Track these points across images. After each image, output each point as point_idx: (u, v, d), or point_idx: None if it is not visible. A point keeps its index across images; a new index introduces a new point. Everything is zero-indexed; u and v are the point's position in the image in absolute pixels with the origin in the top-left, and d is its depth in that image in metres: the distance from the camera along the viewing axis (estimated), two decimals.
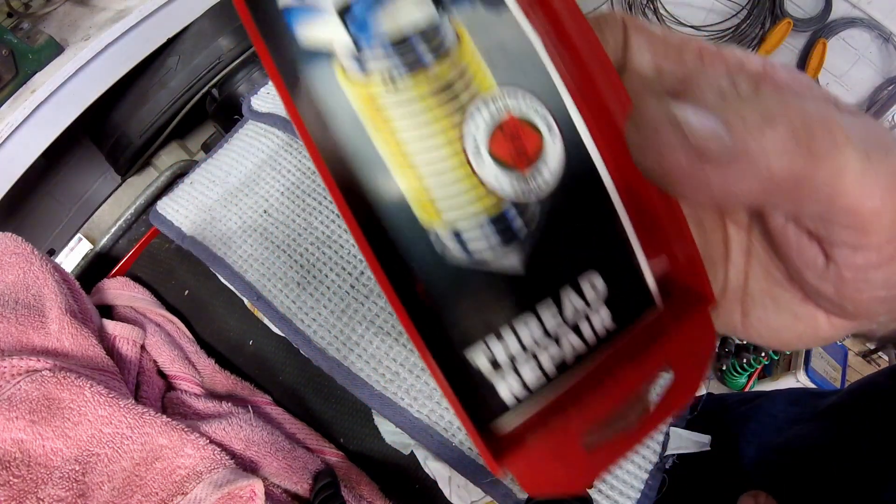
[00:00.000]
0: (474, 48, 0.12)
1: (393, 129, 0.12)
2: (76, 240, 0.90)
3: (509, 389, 0.12)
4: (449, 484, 0.42)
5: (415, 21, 0.12)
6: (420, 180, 0.12)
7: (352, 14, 0.12)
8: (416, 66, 0.12)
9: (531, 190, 0.12)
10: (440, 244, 0.12)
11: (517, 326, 0.12)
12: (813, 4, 1.54)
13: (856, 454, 0.37)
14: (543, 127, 0.12)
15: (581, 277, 0.13)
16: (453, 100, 0.12)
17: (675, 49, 0.15)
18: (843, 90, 1.62)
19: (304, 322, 0.44)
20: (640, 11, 1.73)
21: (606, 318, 0.13)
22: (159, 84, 0.86)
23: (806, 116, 0.11)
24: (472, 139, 0.12)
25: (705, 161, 0.11)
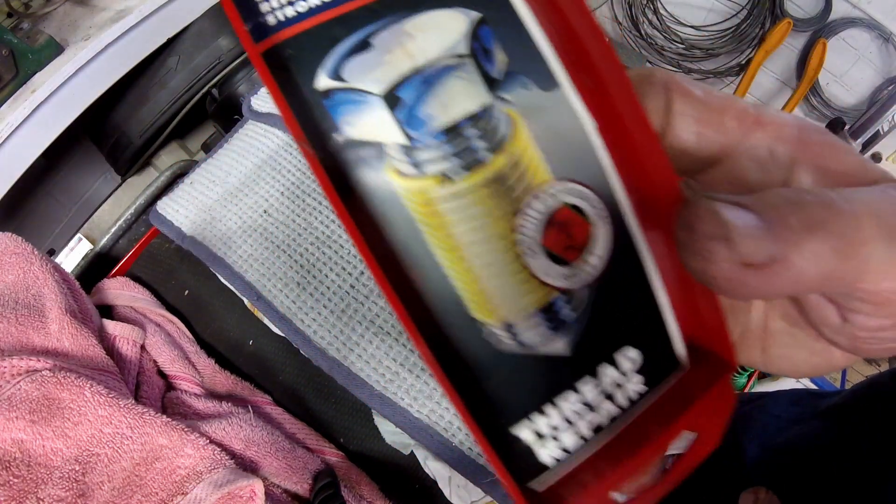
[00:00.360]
0: (529, 136, 0.12)
1: (447, 226, 0.11)
2: (76, 240, 0.90)
3: (550, 454, 0.13)
4: (449, 484, 0.42)
5: (470, 110, 0.11)
6: (474, 278, 0.12)
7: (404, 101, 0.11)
8: (472, 164, 0.11)
9: (579, 278, 0.12)
10: (493, 336, 0.12)
11: (558, 402, 0.13)
12: (813, 4, 1.54)
13: (856, 454, 0.37)
14: (594, 216, 0.12)
15: (618, 353, 0.13)
16: (508, 193, 0.12)
17: (716, 114, 0.15)
18: (843, 90, 1.62)
19: (304, 322, 0.44)
20: (640, 11, 1.73)
21: (639, 385, 0.14)
22: (159, 84, 0.86)
23: (842, 219, 0.12)
24: (526, 235, 0.12)
25: (747, 269, 0.11)
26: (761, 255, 0.11)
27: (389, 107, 0.11)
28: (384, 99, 0.11)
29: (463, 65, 0.11)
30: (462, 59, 0.11)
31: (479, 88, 0.11)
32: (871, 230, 0.12)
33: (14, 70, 0.68)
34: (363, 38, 0.11)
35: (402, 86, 0.11)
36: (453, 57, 0.11)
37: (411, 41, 0.11)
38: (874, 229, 0.12)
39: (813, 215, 0.12)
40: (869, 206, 0.12)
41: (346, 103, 0.11)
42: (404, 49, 0.11)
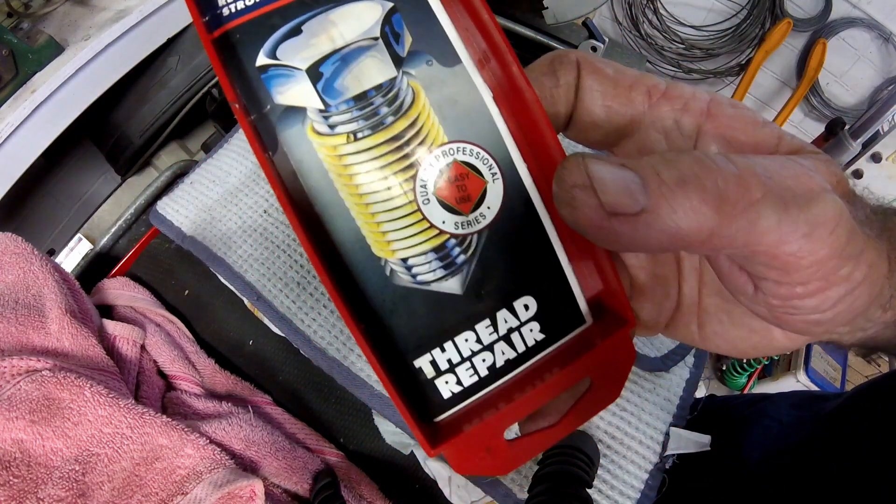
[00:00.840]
0: (428, 104, 0.14)
1: (354, 177, 0.14)
2: (76, 240, 0.90)
3: (449, 388, 0.15)
4: (449, 484, 0.42)
5: (376, 81, 0.14)
6: (376, 221, 0.14)
7: (321, 73, 0.14)
8: (377, 126, 0.14)
9: (471, 227, 0.14)
10: (392, 272, 0.14)
11: (457, 340, 0.15)
12: (813, 4, 1.54)
13: (856, 454, 0.37)
14: (487, 173, 0.14)
15: (517, 301, 0.15)
16: (408, 152, 0.14)
17: (625, 89, 0.16)
18: (843, 90, 1.62)
19: (304, 322, 0.44)
20: (640, 11, 1.73)
21: (537, 333, 0.15)
22: (159, 84, 0.86)
23: (721, 177, 0.12)
24: (421, 186, 0.14)
25: (614, 217, 0.12)
26: (631, 206, 0.12)
27: (312, 80, 0.14)
28: (307, 73, 0.13)
29: (375, 45, 0.14)
30: (375, 41, 0.14)
31: (387, 65, 0.14)
32: (758, 192, 0.12)
33: (14, 70, 0.68)
34: (295, 25, 0.14)
35: (324, 63, 0.14)
36: (367, 39, 0.14)
37: (334, 27, 0.14)
38: (762, 192, 0.12)
39: (685, 171, 0.12)
40: (760, 171, 0.13)
41: (278, 77, 0.13)
42: (328, 34, 0.14)
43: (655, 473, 0.38)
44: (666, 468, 0.39)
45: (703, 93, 0.16)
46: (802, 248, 0.13)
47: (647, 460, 0.38)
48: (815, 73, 1.54)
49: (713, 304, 0.19)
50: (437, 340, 0.15)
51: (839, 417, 0.42)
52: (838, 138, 1.01)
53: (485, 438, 0.15)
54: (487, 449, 0.15)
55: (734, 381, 1.61)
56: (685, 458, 0.39)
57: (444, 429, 0.15)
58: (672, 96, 0.16)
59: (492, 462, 0.15)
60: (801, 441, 0.44)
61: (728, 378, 1.61)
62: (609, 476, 0.38)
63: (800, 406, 0.48)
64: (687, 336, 0.19)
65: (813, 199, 0.13)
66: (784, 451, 0.44)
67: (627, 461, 0.38)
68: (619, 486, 0.38)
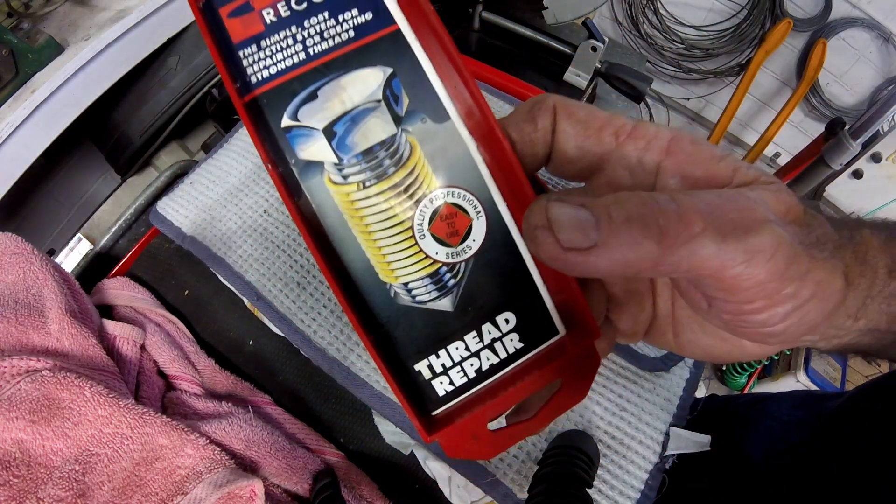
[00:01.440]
0: (423, 155, 0.17)
1: (363, 218, 0.17)
2: (76, 240, 0.90)
3: (443, 388, 0.18)
4: (449, 484, 0.42)
5: (381, 137, 0.17)
6: (381, 252, 0.17)
7: (335, 131, 0.17)
8: (383, 175, 0.17)
9: (459, 256, 0.18)
10: (395, 293, 0.18)
11: (449, 348, 0.18)
12: (813, 4, 1.53)
13: (856, 454, 0.37)
14: (473, 212, 0.17)
15: (499, 316, 0.18)
16: (407, 196, 0.17)
17: (595, 130, 0.18)
18: (843, 90, 1.62)
19: (304, 322, 0.44)
20: (640, 11, 1.73)
21: (516, 342, 0.18)
22: (159, 84, 0.86)
23: (663, 215, 0.14)
24: (418, 224, 0.17)
25: (569, 251, 0.15)
26: (584, 242, 0.15)
27: (328, 138, 0.17)
28: (323, 132, 0.16)
29: (378, 107, 0.17)
30: (378, 103, 0.17)
31: (388, 123, 0.17)
32: (699, 226, 0.14)
33: (14, 70, 0.68)
34: (312, 90, 0.16)
35: (336, 123, 0.17)
36: (372, 102, 0.17)
37: (344, 92, 0.17)
38: (702, 226, 0.14)
39: (632, 210, 0.15)
40: (702, 206, 0.15)
41: (300, 136, 0.16)
42: (339, 98, 0.17)
43: (655, 473, 0.38)
44: (666, 468, 0.39)
45: (666, 131, 0.18)
46: (742, 272, 0.15)
47: (647, 460, 0.38)
48: (815, 73, 1.54)
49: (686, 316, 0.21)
50: (432, 348, 0.18)
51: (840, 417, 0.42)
52: (838, 138, 1.01)
53: (472, 428, 0.18)
54: (474, 437, 0.18)
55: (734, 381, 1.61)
56: (685, 458, 0.39)
57: (439, 421, 0.18)
58: (636, 136, 0.18)
59: (478, 448, 0.18)
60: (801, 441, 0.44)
61: (728, 378, 1.61)
62: (609, 476, 0.38)
63: (800, 406, 0.48)
64: (665, 343, 0.21)
65: (752, 230, 0.15)
66: (785, 451, 0.44)
67: (627, 461, 0.38)
68: (619, 486, 0.38)
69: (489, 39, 1.07)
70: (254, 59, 0.17)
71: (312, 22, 0.17)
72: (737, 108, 1.62)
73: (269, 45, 0.17)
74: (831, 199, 1.67)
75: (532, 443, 0.39)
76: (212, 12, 0.17)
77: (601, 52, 0.91)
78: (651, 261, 0.14)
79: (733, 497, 0.44)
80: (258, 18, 0.17)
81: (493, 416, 0.18)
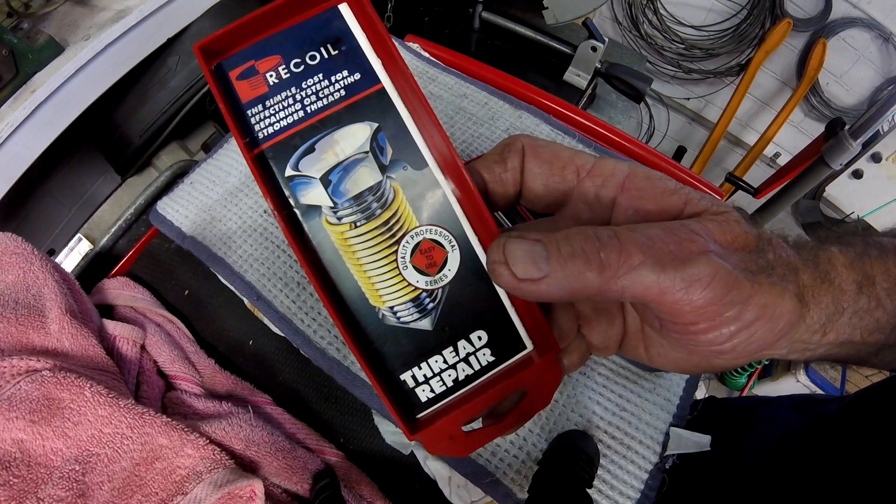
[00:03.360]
0: (405, 198, 0.20)
1: (355, 252, 0.20)
2: (76, 240, 0.90)
3: (425, 395, 0.21)
4: (449, 484, 0.42)
5: (369, 184, 0.19)
6: (371, 281, 0.20)
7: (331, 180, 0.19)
8: (371, 216, 0.20)
9: (436, 284, 0.20)
10: (383, 315, 0.20)
11: (430, 361, 0.21)
12: (813, 4, 1.53)
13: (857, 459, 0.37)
14: (448, 245, 0.20)
15: (472, 334, 0.21)
16: (391, 233, 0.20)
17: (559, 169, 0.21)
18: (843, 90, 1.62)
19: (303, 322, 0.44)
20: (640, 11, 1.73)
21: (488, 356, 0.21)
22: (159, 84, 0.86)
23: (604, 249, 0.17)
24: (401, 257, 0.20)
25: (522, 281, 0.18)
26: (536, 273, 0.17)
27: (324, 186, 0.19)
28: (321, 181, 0.19)
29: (366, 157, 0.19)
30: (366, 154, 0.19)
31: (375, 171, 0.20)
32: (638, 259, 0.17)
33: (14, 70, 0.68)
34: (311, 144, 0.19)
35: (332, 172, 0.19)
36: (361, 153, 0.19)
37: (337, 145, 0.19)
38: (641, 258, 0.17)
39: (576, 246, 0.17)
40: (644, 240, 0.17)
41: (301, 184, 0.19)
42: (333, 150, 0.19)
43: (655, 473, 0.38)
44: (666, 468, 0.39)
45: (623, 168, 0.20)
46: (682, 299, 0.17)
47: (647, 460, 0.38)
48: (815, 73, 1.54)
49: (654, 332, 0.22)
50: (415, 361, 0.21)
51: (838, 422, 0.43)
52: (838, 138, 1.01)
53: (449, 430, 0.20)
54: (451, 437, 0.21)
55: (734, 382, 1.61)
56: (685, 458, 0.39)
57: (421, 423, 0.21)
58: (594, 174, 0.20)
59: (454, 447, 0.21)
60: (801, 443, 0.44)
61: (728, 378, 1.61)
62: (609, 476, 0.38)
63: (799, 409, 0.48)
64: (638, 357, 0.23)
65: (690, 261, 0.17)
66: (784, 454, 0.44)
67: (627, 461, 0.38)
68: (619, 486, 0.38)
69: (489, 39, 1.07)
70: (260, 117, 0.19)
71: (309, 83, 0.19)
72: (737, 108, 1.62)
73: (273, 104, 0.19)
74: (831, 199, 1.67)
75: (532, 443, 0.39)
76: (222, 75, 0.19)
77: (601, 52, 0.91)
78: (594, 288, 0.17)
79: (733, 498, 0.44)
80: (263, 80, 0.19)
81: (466, 420, 0.21)
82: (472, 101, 0.58)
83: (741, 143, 1.87)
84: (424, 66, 0.62)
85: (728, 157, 1.92)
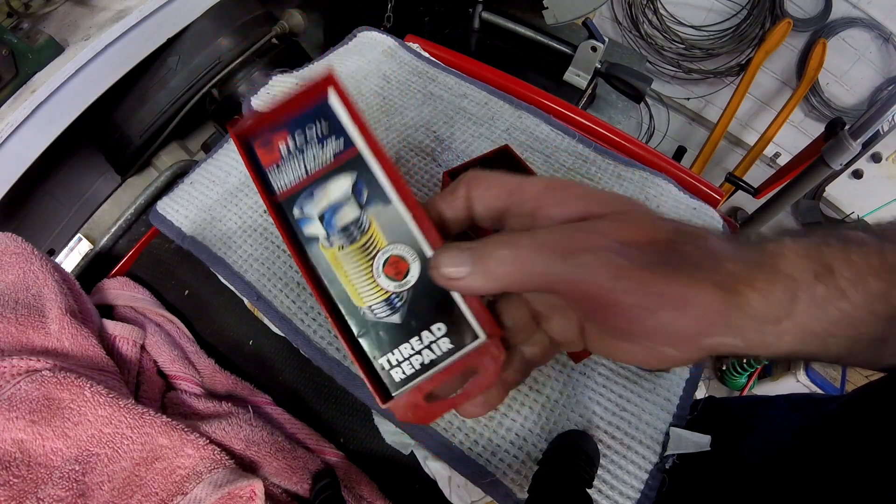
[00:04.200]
0: (377, 225, 0.26)
1: (344, 268, 0.26)
2: (76, 240, 0.90)
3: (398, 375, 0.26)
4: (449, 484, 0.42)
5: (351, 218, 0.26)
6: (356, 289, 0.26)
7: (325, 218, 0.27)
8: (353, 240, 0.26)
9: (403, 287, 0.26)
10: (364, 311, 0.26)
11: (401, 348, 0.26)
12: (813, 4, 1.53)
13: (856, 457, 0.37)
14: (410, 258, 0.26)
15: (433, 326, 0.26)
16: (368, 251, 0.26)
17: (495, 192, 0.25)
18: (843, 90, 1.62)
19: (304, 322, 0.44)
20: (640, 11, 1.73)
21: (447, 344, 0.26)
22: (159, 84, 0.86)
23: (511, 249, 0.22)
24: (376, 269, 0.26)
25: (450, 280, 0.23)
26: (459, 273, 0.23)
27: (320, 222, 0.26)
28: (318, 219, 0.26)
29: (349, 199, 0.27)
30: (349, 197, 0.27)
31: (355, 209, 0.26)
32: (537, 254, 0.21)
33: (14, 70, 0.68)
34: (310, 192, 0.27)
35: (325, 212, 0.26)
36: (345, 196, 0.27)
37: (329, 192, 0.27)
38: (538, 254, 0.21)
39: (488, 249, 0.22)
40: (540, 240, 0.22)
41: (304, 221, 0.27)
42: (326, 196, 0.27)
43: (655, 473, 0.38)
44: (666, 468, 0.39)
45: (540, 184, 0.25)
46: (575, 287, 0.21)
47: (647, 460, 0.38)
48: (815, 73, 1.54)
49: None
50: (389, 348, 0.26)
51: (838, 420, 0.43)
52: (838, 138, 1.01)
53: (414, 400, 0.26)
54: (415, 406, 0.26)
55: (734, 381, 1.61)
56: (685, 458, 0.39)
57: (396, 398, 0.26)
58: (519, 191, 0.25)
59: (417, 414, 0.26)
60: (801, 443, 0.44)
61: (728, 378, 1.61)
62: (609, 476, 0.38)
63: (799, 408, 0.48)
64: (603, 351, 0.25)
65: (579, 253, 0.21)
66: (784, 453, 0.44)
67: (627, 461, 0.38)
68: (619, 486, 0.38)
69: (489, 39, 1.07)
70: (276, 175, 0.27)
71: (309, 150, 0.27)
72: (737, 108, 1.62)
73: (284, 166, 0.27)
74: (831, 199, 1.67)
75: (532, 443, 0.39)
76: (248, 145, 0.28)
77: (601, 52, 0.91)
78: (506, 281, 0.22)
79: (733, 497, 0.44)
80: (276, 149, 0.27)
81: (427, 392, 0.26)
82: (472, 101, 0.58)
83: (741, 143, 1.87)
84: (424, 66, 0.62)
85: (728, 157, 1.92)
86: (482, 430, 0.39)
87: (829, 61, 1.53)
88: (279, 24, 0.94)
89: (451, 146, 0.53)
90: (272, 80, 0.59)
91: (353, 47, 0.64)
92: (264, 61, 0.93)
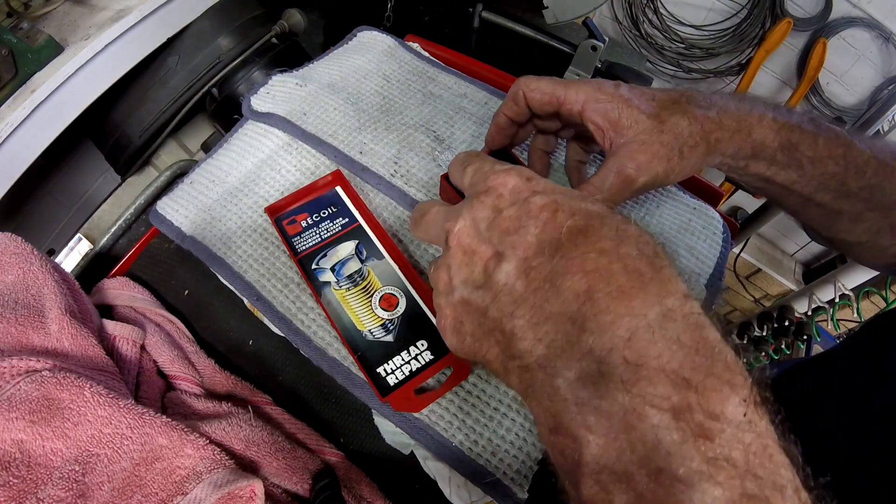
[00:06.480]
0: (374, 274, 0.41)
1: (350, 304, 0.39)
2: (76, 240, 0.90)
3: (393, 380, 0.36)
4: (449, 484, 0.42)
5: (354, 269, 0.41)
6: (359, 318, 0.39)
7: (335, 269, 0.41)
8: (356, 284, 0.40)
9: (394, 315, 0.39)
10: (367, 334, 0.38)
11: (394, 359, 0.37)
12: (813, 4, 1.53)
13: (851, 391, 0.43)
14: (399, 295, 0.39)
15: (417, 342, 0.37)
16: (367, 291, 0.40)
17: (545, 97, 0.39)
18: (843, 90, 1.62)
19: (303, 322, 0.44)
20: (640, 11, 1.73)
21: (429, 355, 0.37)
22: (159, 84, 0.86)
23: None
24: (374, 304, 0.39)
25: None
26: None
27: (332, 272, 0.41)
28: (331, 270, 0.41)
29: (353, 256, 0.42)
30: (352, 255, 0.42)
31: (357, 263, 0.42)
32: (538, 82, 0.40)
33: (13, 70, 0.68)
34: (325, 252, 0.43)
35: (336, 265, 0.42)
36: (350, 255, 0.42)
37: (337, 252, 0.42)
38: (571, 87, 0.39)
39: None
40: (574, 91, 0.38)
41: (320, 271, 0.42)
42: (336, 253, 0.42)
43: None
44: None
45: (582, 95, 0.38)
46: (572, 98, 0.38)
47: None
48: (815, 73, 1.54)
49: None
50: (385, 360, 0.36)
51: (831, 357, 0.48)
52: None
53: (405, 394, 0.35)
54: (407, 398, 0.35)
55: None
56: None
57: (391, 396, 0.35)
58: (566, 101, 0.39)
59: (409, 405, 0.35)
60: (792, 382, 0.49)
61: None
62: None
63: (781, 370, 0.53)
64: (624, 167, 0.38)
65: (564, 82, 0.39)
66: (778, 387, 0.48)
67: None
68: None
69: (489, 39, 1.07)
70: (299, 241, 0.42)
71: (322, 225, 0.43)
72: None
73: (305, 235, 0.42)
74: None
75: (532, 443, 0.39)
76: (279, 222, 0.44)
77: (601, 52, 0.91)
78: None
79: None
80: (299, 224, 0.43)
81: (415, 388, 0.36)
82: (472, 100, 0.58)
83: None
84: (424, 65, 0.62)
85: None
86: (482, 430, 0.39)
87: (829, 61, 1.53)
88: (279, 23, 0.93)
89: (451, 146, 0.53)
90: (272, 80, 0.59)
91: (353, 47, 0.64)
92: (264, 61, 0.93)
